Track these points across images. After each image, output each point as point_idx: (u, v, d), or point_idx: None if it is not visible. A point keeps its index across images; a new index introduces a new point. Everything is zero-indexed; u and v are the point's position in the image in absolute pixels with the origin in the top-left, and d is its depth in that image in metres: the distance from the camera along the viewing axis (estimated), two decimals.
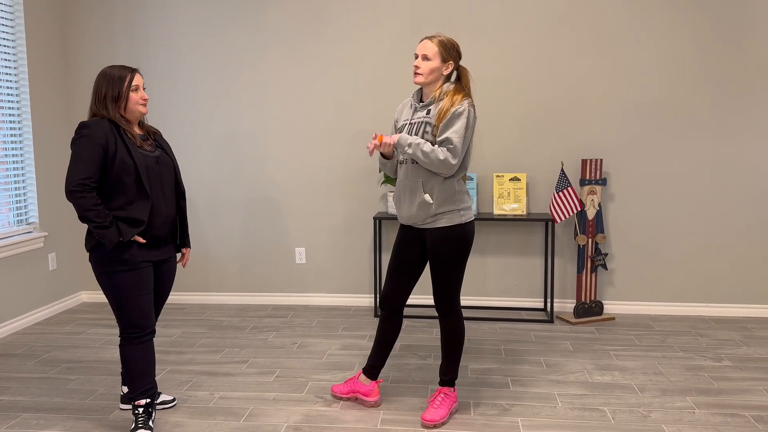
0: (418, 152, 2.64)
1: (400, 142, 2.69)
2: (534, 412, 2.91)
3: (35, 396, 3.14)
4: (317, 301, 4.77)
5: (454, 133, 2.62)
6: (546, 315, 4.42)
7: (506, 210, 4.35)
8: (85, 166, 2.50)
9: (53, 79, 4.60)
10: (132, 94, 2.62)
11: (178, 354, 3.72)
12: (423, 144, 2.64)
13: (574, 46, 4.34)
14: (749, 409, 2.92)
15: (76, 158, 2.52)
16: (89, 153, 2.51)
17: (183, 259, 2.92)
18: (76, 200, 2.50)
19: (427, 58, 2.70)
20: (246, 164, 4.70)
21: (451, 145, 2.62)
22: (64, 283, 4.72)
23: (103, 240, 2.52)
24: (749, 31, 4.19)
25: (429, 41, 2.71)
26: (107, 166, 2.54)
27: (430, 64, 2.70)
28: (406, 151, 2.67)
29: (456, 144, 2.62)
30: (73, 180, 2.49)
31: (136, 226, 2.57)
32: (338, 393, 3.05)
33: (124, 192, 2.56)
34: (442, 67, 2.72)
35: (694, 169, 4.33)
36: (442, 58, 2.70)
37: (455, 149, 2.62)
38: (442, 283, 2.78)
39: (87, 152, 2.51)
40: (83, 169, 2.50)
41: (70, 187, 2.49)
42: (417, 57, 2.73)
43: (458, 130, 2.63)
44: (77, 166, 2.50)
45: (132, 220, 2.57)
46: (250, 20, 4.58)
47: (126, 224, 2.56)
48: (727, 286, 4.39)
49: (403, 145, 2.68)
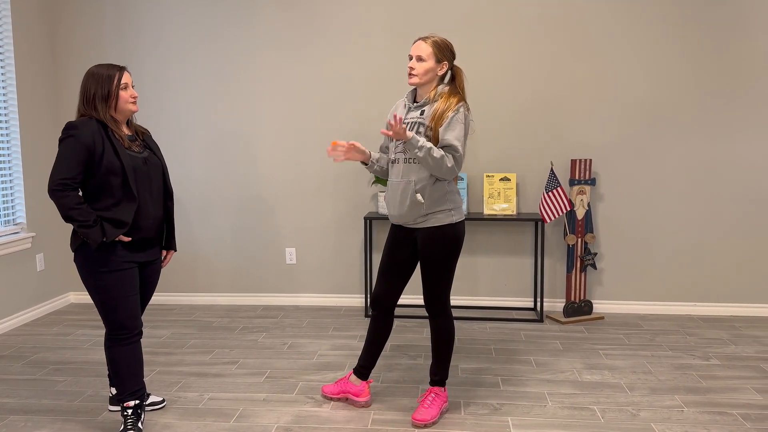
0: (428, 157, 2.60)
1: (413, 142, 2.61)
2: (524, 411, 2.92)
3: (23, 398, 3.11)
4: (307, 301, 4.76)
5: (458, 141, 2.65)
6: (536, 314, 4.44)
7: (496, 210, 4.36)
8: (69, 165, 2.48)
9: (41, 79, 4.57)
10: (122, 93, 2.60)
11: (168, 355, 3.70)
12: (434, 150, 2.61)
13: (563, 47, 4.36)
14: (737, 407, 2.95)
15: (60, 158, 2.50)
16: (74, 153, 2.49)
17: (164, 261, 2.90)
18: (58, 199, 2.48)
19: (421, 59, 2.70)
20: (236, 164, 4.69)
21: (457, 153, 2.65)
22: (51, 284, 4.68)
23: (87, 239, 2.50)
24: (737, 33, 4.22)
25: (423, 42, 2.71)
26: (93, 167, 2.52)
27: (424, 65, 2.70)
28: (417, 153, 2.62)
29: (461, 152, 2.66)
30: (55, 179, 2.48)
31: (120, 227, 2.55)
32: (329, 393, 3.05)
33: (111, 193, 2.54)
34: (436, 68, 2.72)
35: (682, 169, 4.36)
36: (436, 59, 2.71)
37: (460, 158, 2.67)
38: (432, 282, 2.78)
39: (72, 152, 2.49)
40: (66, 168, 2.48)
41: (52, 186, 2.48)
42: (411, 58, 2.73)
43: (460, 137, 2.66)
44: (61, 165, 2.49)
45: (117, 222, 2.55)
46: (241, 20, 4.56)
47: (110, 225, 2.54)
48: (715, 286, 4.42)
49: (414, 145, 2.61)
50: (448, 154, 2.65)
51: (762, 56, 4.22)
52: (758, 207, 4.32)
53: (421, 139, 2.63)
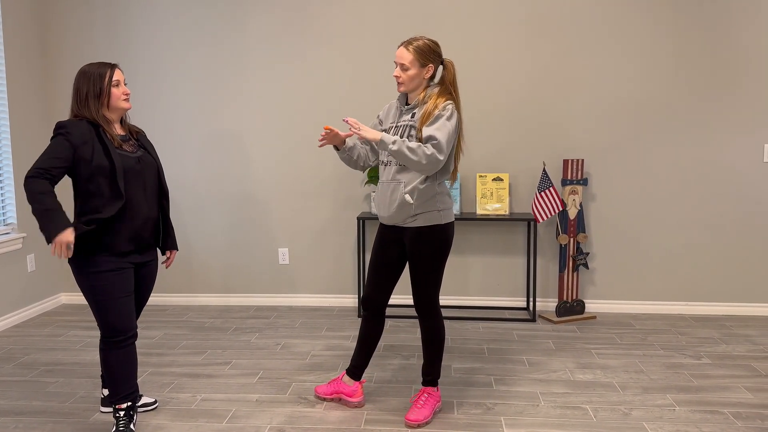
0: (404, 148, 2.57)
1: (384, 140, 2.61)
2: (517, 410, 2.92)
3: (14, 399, 3.09)
4: (300, 301, 4.75)
5: (437, 130, 2.59)
6: (528, 314, 4.45)
7: (489, 210, 4.37)
8: (49, 159, 2.47)
9: (31, 78, 4.54)
10: (114, 90, 2.59)
11: (160, 356, 3.69)
12: (408, 141, 2.60)
13: (556, 47, 4.37)
14: (728, 406, 2.96)
15: (44, 152, 2.50)
16: (58, 149, 2.48)
17: (168, 261, 2.87)
18: (27, 185, 2.45)
19: (405, 67, 2.69)
20: (229, 165, 4.68)
21: (435, 141, 2.57)
22: (43, 284, 4.66)
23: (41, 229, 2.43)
24: (728, 34, 4.25)
25: (405, 49, 2.68)
26: (83, 168, 2.50)
27: (409, 72, 2.69)
28: (391, 148, 2.60)
29: (440, 140, 2.57)
30: (31, 168, 2.47)
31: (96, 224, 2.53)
32: (322, 394, 3.04)
33: (100, 194, 2.53)
34: (422, 72, 2.71)
35: (674, 169, 4.38)
36: (420, 64, 2.69)
37: (439, 144, 2.57)
38: (421, 282, 2.78)
39: (56, 148, 2.48)
40: (44, 159, 2.47)
41: (28, 172, 2.46)
42: (396, 66, 2.73)
43: (440, 127, 2.60)
44: (41, 157, 2.48)
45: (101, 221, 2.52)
46: (235, 20, 4.55)
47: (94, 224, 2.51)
48: (707, 285, 4.45)
49: (387, 143, 2.60)
50: (426, 144, 2.59)
51: (752, 57, 4.24)
52: (749, 207, 4.35)
53: (391, 136, 2.63)
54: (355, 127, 2.63)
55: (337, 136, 2.81)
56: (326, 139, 2.83)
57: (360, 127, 2.63)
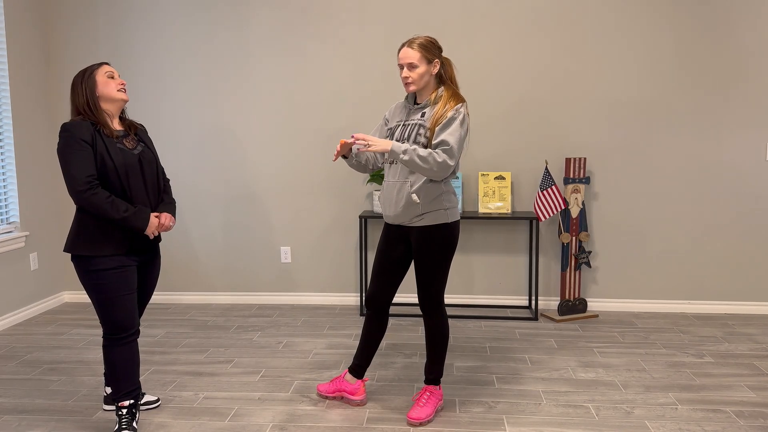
0: (415, 157, 2.58)
1: (395, 150, 2.60)
2: (519, 409, 2.92)
3: (17, 397, 3.10)
4: (303, 300, 4.75)
5: (450, 135, 2.61)
6: (530, 313, 4.45)
7: (491, 208, 4.37)
8: (82, 164, 2.46)
9: (34, 77, 4.54)
10: (110, 81, 2.60)
11: (163, 354, 3.69)
12: (418, 149, 2.60)
13: (558, 46, 4.36)
14: (730, 404, 2.96)
15: (69, 161, 2.46)
16: (80, 152, 2.47)
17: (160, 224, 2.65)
18: (88, 199, 2.45)
19: (413, 66, 2.69)
20: (231, 163, 4.68)
21: (447, 146, 2.60)
22: (45, 283, 4.67)
23: (134, 229, 2.50)
24: (730, 32, 4.24)
25: (409, 48, 2.69)
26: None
27: (418, 70, 2.69)
28: (402, 159, 2.60)
29: (452, 145, 2.60)
30: (79, 179, 2.44)
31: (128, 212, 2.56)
32: (324, 392, 3.05)
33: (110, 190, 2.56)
34: (430, 68, 2.72)
35: (677, 167, 4.37)
36: (427, 60, 2.70)
37: (451, 150, 2.60)
38: (426, 281, 2.78)
39: (77, 152, 2.47)
40: (82, 167, 2.46)
41: (77, 187, 2.44)
42: (402, 67, 2.72)
43: (453, 132, 2.62)
44: (74, 167, 2.45)
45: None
46: (236, 17, 4.55)
47: None
48: (709, 284, 4.44)
49: (397, 153, 2.60)
50: (437, 149, 2.61)
51: (755, 55, 4.23)
52: (752, 205, 4.34)
53: (402, 144, 2.62)
54: (364, 143, 2.63)
55: (346, 145, 2.82)
56: (340, 153, 2.83)
57: (368, 141, 2.62)
